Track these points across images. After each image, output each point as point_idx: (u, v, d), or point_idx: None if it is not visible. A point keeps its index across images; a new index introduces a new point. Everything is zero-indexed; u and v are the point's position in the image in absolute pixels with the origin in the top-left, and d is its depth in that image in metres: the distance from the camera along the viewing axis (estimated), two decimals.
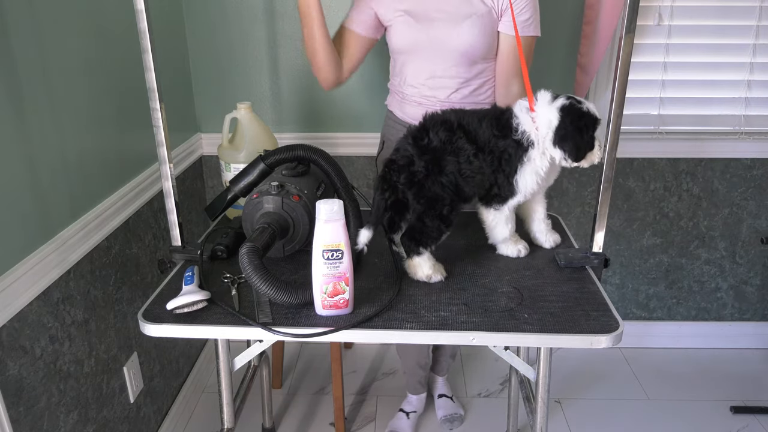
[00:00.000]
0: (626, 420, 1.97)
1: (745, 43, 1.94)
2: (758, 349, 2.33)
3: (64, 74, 1.28)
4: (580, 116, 1.14)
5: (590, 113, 1.15)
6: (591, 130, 1.15)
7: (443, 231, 1.15)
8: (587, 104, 1.15)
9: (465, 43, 1.40)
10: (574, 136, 1.13)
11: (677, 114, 2.04)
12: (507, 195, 1.19)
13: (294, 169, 1.25)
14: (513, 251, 1.27)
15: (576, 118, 1.13)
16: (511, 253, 1.27)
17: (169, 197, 1.22)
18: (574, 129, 1.13)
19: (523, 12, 1.39)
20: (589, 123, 1.15)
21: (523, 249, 1.27)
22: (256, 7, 1.94)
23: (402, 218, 1.17)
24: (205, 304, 1.06)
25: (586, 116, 1.14)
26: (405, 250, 1.16)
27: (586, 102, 1.16)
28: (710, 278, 2.26)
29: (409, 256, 1.16)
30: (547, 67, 1.96)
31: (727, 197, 2.14)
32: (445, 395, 1.97)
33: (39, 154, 1.20)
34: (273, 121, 2.07)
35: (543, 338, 1.00)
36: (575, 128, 1.13)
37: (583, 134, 1.14)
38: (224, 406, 1.27)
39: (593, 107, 1.16)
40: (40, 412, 1.20)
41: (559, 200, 2.16)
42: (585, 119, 1.14)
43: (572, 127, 1.13)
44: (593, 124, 1.15)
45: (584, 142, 1.14)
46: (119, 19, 1.51)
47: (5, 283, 1.09)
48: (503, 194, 1.19)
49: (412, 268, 1.16)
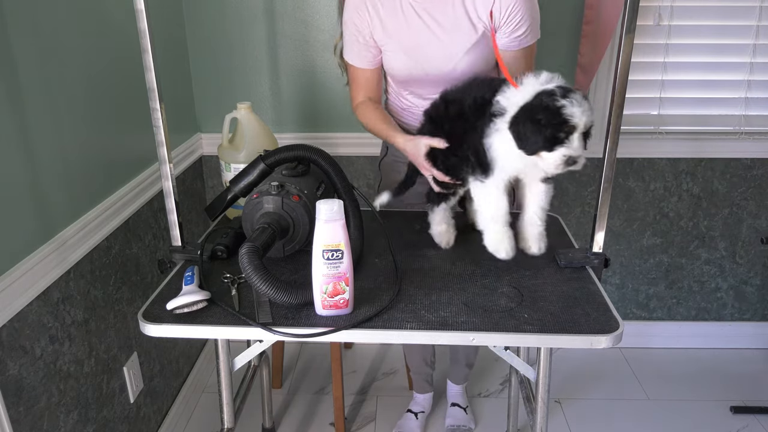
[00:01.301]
0: (626, 420, 1.97)
1: (745, 43, 1.94)
2: (758, 349, 2.33)
3: (64, 74, 1.28)
4: (542, 110, 1.04)
5: (557, 113, 1.02)
6: (550, 130, 1.03)
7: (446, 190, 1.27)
8: (570, 106, 1.03)
9: (463, 74, 1.36)
10: (525, 125, 1.06)
11: (677, 114, 2.04)
12: (484, 163, 1.15)
13: (294, 169, 1.25)
14: (492, 245, 1.19)
15: (538, 110, 1.04)
16: (491, 246, 1.19)
17: (169, 197, 1.22)
18: (528, 119, 1.05)
19: (520, 26, 1.32)
20: (549, 121, 1.03)
21: (504, 251, 1.18)
22: (256, 7, 1.94)
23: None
24: (205, 304, 1.06)
25: (550, 114, 1.03)
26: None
27: (576, 103, 1.03)
28: (710, 278, 2.26)
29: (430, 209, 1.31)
30: (547, 67, 1.95)
31: (727, 197, 2.14)
32: (458, 405, 1.94)
33: (39, 154, 1.20)
34: (273, 121, 2.07)
35: (543, 338, 1.00)
36: (530, 119, 1.05)
37: (537, 129, 1.04)
38: (224, 406, 1.27)
39: (578, 112, 1.03)
40: (40, 412, 1.20)
41: (559, 200, 2.16)
42: (545, 116, 1.03)
43: (528, 116, 1.05)
44: (555, 126, 1.03)
45: (534, 137, 1.05)
46: (119, 19, 1.51)
47: (5, 283, 1.09)
48: (481, 160, 1.16)
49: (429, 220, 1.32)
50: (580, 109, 1.03)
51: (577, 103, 1.03)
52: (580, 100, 1.04)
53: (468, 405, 1.95)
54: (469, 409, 1.95)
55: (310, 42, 1.97)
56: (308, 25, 1.95)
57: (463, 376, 1.92)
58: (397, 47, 1.40)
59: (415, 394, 1.95)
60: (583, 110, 1.03)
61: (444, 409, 1.97)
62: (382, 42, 1.40)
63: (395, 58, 1.41)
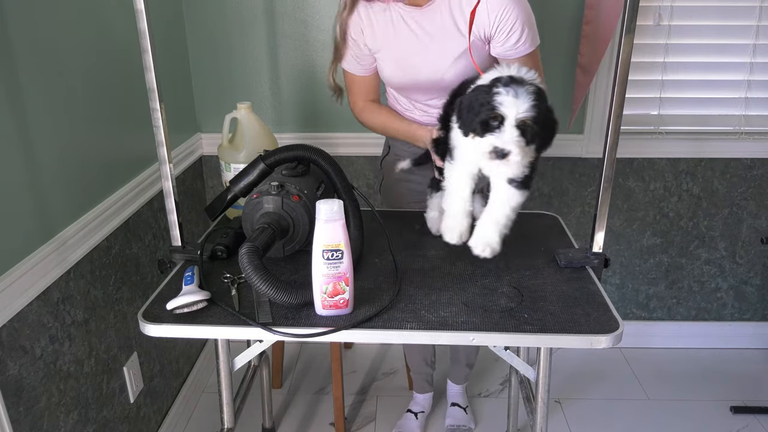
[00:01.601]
0: (626, 420, 1.97)
1: (745, 43, 1.94)
2: (758, 349, 2.33)
3: (64, 74, 1.28)
4: (481, 93, 1.03)
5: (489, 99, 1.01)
6: (483, 114, 1.02)
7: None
8: (505, 95, 1.00)
9: (453, 82, 1.32)
10: (464, 104, 1.06)
11: (677, 114, 2.04)
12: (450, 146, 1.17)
13: (294, 169, 1.25)
14: (444, 227, 1.19)
15: (479, 92, 1.04)
16: (442, 227, 1.20)
17: (169, 197, 1.22)
18: (469, 99, 1.06)
19: (513, 33, 1.29)
20: (481, 105, 1.02)
21: (449, 235, 1.18)
22: (256, 7, 1.94)
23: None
24: (205, 304, 1.06)
25: (484, 98, 1.02)
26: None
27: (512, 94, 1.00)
28: (710, 278, 2.26)
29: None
30: (547, 67, 1.95)
31: (727, 197, 2.14)
32: (458, 405, 1.94)
33: (39, 154, 1.20)
34: (273, 121, 2.07)
35: (543, 338, 1.00)
36: (470, 99, 1.05)
37: (472, 110, 1.04)
38: (224, 406, 1.27)
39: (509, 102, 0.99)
40: (40, 412, 1.20)
41: (559, 200, 2.16)
42: (481, 98, 1.02)
43: (470, 96, 1.06)
44: (486, 111, 1.01)
45: (468, 117, 1.05)
46: (119, 19, 1.51)
47: (5, 283, 1.09)
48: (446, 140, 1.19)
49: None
50: (514, 100, 1.00)
51: (513, 93, 1.00)
52: (521, 93, 1.00)
53: (468, 405, 1.95)
54: (469, 409, 1.95)
55: (310, 42, 1.97)
56: (308, 25, 1.95)
57: (464, 376, 1.92)
58: (387, 56, 1.40)
59: (415, 394, 1.95)
60: (517, 103, 1.00)
61: (444, 409, 1.97)
62: (375, 50, 1.41)
63: (386, 66, 1.42)
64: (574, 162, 2.10)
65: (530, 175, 1.10)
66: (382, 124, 1.49)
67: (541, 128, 1.03)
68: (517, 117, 1.00)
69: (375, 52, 1.42)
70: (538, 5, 1.87)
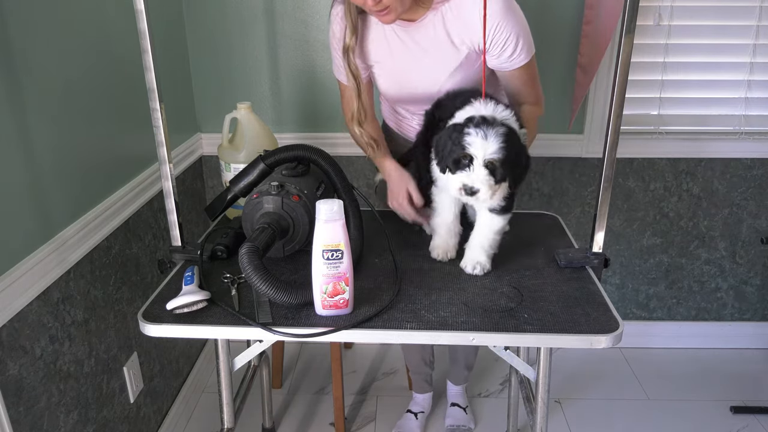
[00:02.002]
0: (626, 420, 1.97)
1: (745, 43, 1.94)
2: (758, 349, 2.33)
3: (64, 74, 1.28)
4: (454, 132, 1.08)
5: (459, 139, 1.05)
6: (455, 153, 1.06)
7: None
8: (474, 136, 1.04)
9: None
10: (439, 143, 1.11)
11: (677, 114, 2.04)
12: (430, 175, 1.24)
13: (294, 169, 1.25)
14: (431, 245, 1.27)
15: (452, 132, 1.09)
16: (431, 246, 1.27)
17: (169, 197, 1.22)
18: (445, 137, 1.10)
19: (507, 46, 1.27)
20: (453, 145, 1.07)
21: (436, 253, 1.25)
22: (256, 7, 1.94)
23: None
24: (205, 304, 1.06)
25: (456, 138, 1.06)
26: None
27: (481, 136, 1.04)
28: (710, 278, 2.26)
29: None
30: (547, 67, 1.96)
31: (727, 197, 2.14)
32: (458, 405, 1.94)
33: (39, 154, 1.20)
34: (273, 121, 2.07)
35: (543, 338, 1.00)
36: (446, 138, 1.10)
37: (446, 149, 1.09)
38: (224, 406, 1.27)
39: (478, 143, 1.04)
40: (40, 412, 1.20)
41: (559, 200, 2.16)
42: (453, 138, 1.07)
43: (446, 135, 1.10)
44: (458, 150, 1.06)
45: (443, 155, 1.10)
46: (119, 19, 1.51)
47: (5, 283, 1.09)
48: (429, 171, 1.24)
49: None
50: (483, 142, 1.04)
51: (482, 136, 1.04)
52: (491, 135, 1.04)
53: (468, 405, 1.95)
54: (468, 409, 1.95)
55: (310, 42, 1.97)
56: (308, 25, 1.95)
57: (463, 377, 1.92)
58: (383, 71, 1.40)
59: (414, 395, 1.95)
60: (486, 144, 1.04)
61: (444, 409, 1.97)
62: (370, 63, 1.40)
63: (383, 81, 1.41)
64: (574, 162, 2.10)
65: (508, 203, 1.17)
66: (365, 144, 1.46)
67: (511, 168, 1.07)
68: (485, 158, 1.05)
69: (371, 65, 1.41)
70: (539, 5, 1.89)
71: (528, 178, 2.11)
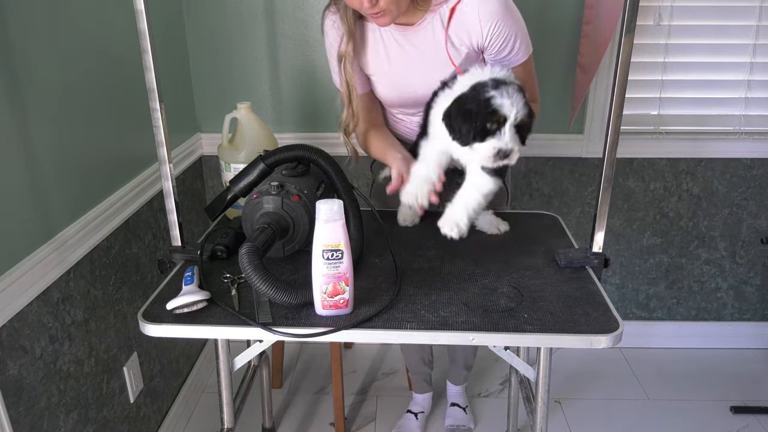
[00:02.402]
0: (626, 420, 1.97)
1: (745, 43, 1.94)
2: (758, 349, 2.33)
3: (64, 74, 1.28)
4: (472, 101, 1.08)
5: (486, 104, 1.05)
6: (479, 121, 1.07)
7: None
8: (500, 97, 1.05)
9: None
10: (456, 117, 1.10)
11: (677, 114, 2.04)
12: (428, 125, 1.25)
13: (294, 169, 1.25)
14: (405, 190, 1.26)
15: (468, 101, 1.08)
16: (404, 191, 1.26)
17: (169, 197, 1.22)
18: (459, 110, 1.10)
19: (506, 45, 1.27)
20: (478, 112, 1.06)
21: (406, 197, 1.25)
22: (256, 7, 1.94)
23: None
24: (205, 304, 1.06)
25: (479, 105, 1.06)
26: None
27: (506, 95, 1.05)
28: (710, 278, 2.26)
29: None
30: (547, 67, 1.96)
31: (727, 197, 2.14)
32: (458, 405, 1.94)
33: (39, 154, 1.20)
34: (273, 121, 2.07)
35: (543, 338, 1.00)
36: (461, 110, 1.09)
37: (467, 120, 1.08)
38: (224, 406, 1.27)
39: (507, 103, 1.05)
40: (40, 412, 1.20)
41: (559, 200, 2.16)
42: (475, 107, 1.07)
43: (459, 107, 1.10)
44: (484, 117, 1.06)
45: (465, 128, 1.09)
46: (119, 19, 1.51)
47: (5, 283, 1.09)
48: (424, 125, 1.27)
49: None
50: (509, 100, 1.04)
51: (507, 94, 1.05)
52: (512, 93, 1.05)
53: (468, 405, 1.95)
54: (468, 408, 1.95)
55: (310, 42, 1.97)
56: (308, 25, 1.95)
57: (462, 377, 1.92)
58: (381, 78, 1.39)
59: (414, 395, 1.95)
60: (512, 102, 1.04)
61: (444, 409, 1.97)
62: (368, 72, 1.40)
63: (381, 88, 1.41)
64: (574, 162, 2.10)
65: (503, 167, 1.15)
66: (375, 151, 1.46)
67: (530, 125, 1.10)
68: (516, 116, 1.05)
69: (369, 73, 1.40)
70: (538, 5, 1.89)
71: (528, 177, 2.12)
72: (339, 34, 1.34)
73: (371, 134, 1.46)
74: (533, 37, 1.36)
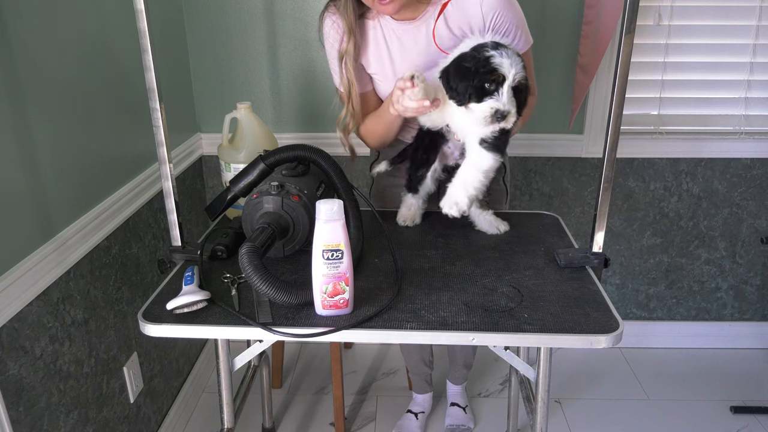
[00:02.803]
0: (626, 420, 1.97)
1: (745, 43, 1.94)
2: (758, 349, 2.33)
3: (64, 74, 1.28)
4: (470, 59, 1.09)
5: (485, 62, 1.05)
6: (478, 79, 1.07)
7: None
8: (499, 57, 1.06)
9: None
10: (454, 74, 1.11)
11: (677, 114, 2.04)
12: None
13: (294, 169, 1.25)
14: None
15: (467, 59, 1.09)
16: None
17: (169, 197, 1.22)
18: (457, 68, 1.10)
19: (507, 37, 1.28)
20: (476, 70, 1.07)
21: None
22: (256, 7, 1.94)
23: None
24: (205, 304, 1.06)
25: (478, 63, 1.07)
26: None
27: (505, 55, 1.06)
28: (710, 278, 2.26)
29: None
30: (547, 67, 1.96)
31: (727, 197, 2.14)
32: (457, 404, 1.94)
33: (39, 154, 1.20)
34: (273, 121, 2.07)
35: (543, 338, 1.00)
36: (459, 68, 1.10)
37: (465, 78, 1.08)
38: (224, 406, 1.27)
39: (506, 63, 1.05)
40: (40, 412, 1.20)
41: (559, 200, 2.16)
42: (474, 65, 1.07)
43: (457, 65, 1.10)
44: (483, 75, 1.06)
45: (463, 86, 1.09)
46: (119, 18, 1.51)
47: (5, 283, 1.09)
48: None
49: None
50: (508, 60, 1.05)
51: (506, 55, 1.06)
52: (511, 54, 1.07)
53: (468, 405, 1.96)
54: (468, 408, 1.95)
55: (310, 42, 1.97)
56: (308, 25, 1.95)
57: (462, 376, 1.92)
58: (383, 77, 1.39)
59: (414, 395, 1.95)
60: (512, 63, 1.05)
61: (444, 409, 1.98)
62: (370, 71, 1.40)
63: (384, 86, 1.41)
64: (574, 162, 2.10)
65: (501, 138, 1.16)
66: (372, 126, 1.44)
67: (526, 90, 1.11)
68: (514, 77, 1.06)
69: (373, 74, 1.40)
70: (539, 5, 1.89)
71: (528, 177, 2.12)
72: (339, 34, 1.34)
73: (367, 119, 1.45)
74: (533, 37, 1.36)
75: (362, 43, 1.37)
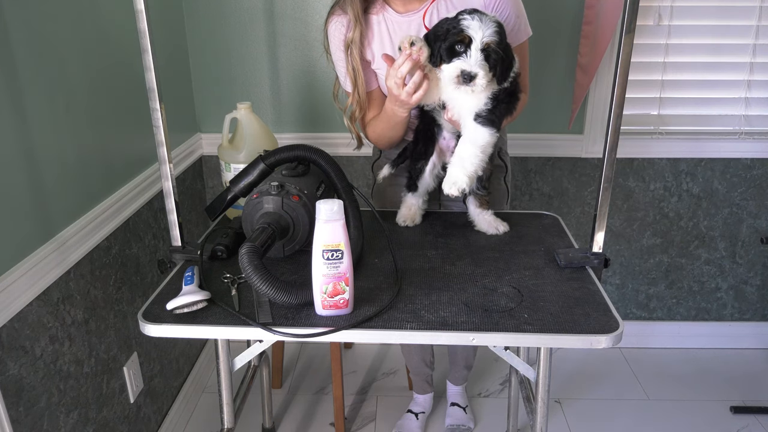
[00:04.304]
0: (626, 420, 1.97)
1: (745, 43, 1.94)
2: (758, 349, 2.33)
3: (64, 75, 1.28)
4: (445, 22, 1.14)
5: (455, 24, 1.11)
6: (448, 40, 1.11)
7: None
8: (470, 20, 1.10)
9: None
10: (431, 35, 1.16)
11: (677, 114, 2.04)
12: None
13: (294, 169, 1.25)
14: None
15: (443, 23, 1.15)
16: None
17: (169, 197, 1.22)
18: (435, 29, 1.16)
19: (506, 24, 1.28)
20: (447, 31, 1.12)
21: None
22: (256, 7, 1.94)
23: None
24: (205, 304, 1.06)
25: (449, 24, 1.12)
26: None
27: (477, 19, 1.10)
28: (710, 278, 2.26)
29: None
30: (547, 67, 1.96)
31: (727, 197, 2.14)
32: (457, 404, 1.94)
33: (39, 154, 1.20)
34: (273, 121, 2.07)
35: (543, 338, 1.00)
36: (435, 30, 1.15)
37: (437, 38, 1.14)
38: (224, 406, 1.27)
39: (474, 26, 1.09)
40: (40, 412, 1.20)
41: (559, 200, 2.16)
42: (446, 26, 1.13)
43: (435, 28, 1.16)
44: (452, 36, 1.11)
45: (434, 45, 1.14)
46: (119, 18, 1.51)
47: (5, 283, 1.09)
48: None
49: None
50: (479, 23, 1.09)
51: (478, 19, 1.09)
52: (485, 20, 1.10)
53: (468, 405, 1.95)
54: (468, 408, 1.95)
55: (310, 42, 1.97)
56: (308, 25, 1.95)
57: (462, 377, 1.92)
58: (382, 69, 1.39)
59: (415, 395, 1.95)
60: (482, 26, 1.09)
61: (444, 409, 1.98)
62: (375, 65, 1.40)
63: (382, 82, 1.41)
64: (574, 162, 2.10)
65: (494, 111, 1.18)
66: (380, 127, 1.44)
67: (502, 56, 1.12)
68: (482, 40, 1.09)
69: (377, 69, 1.40)
70: (538, 5, 1.88)
71: (528, 177, 2.12)
72: (344, 30, 1.36)
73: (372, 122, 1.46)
74: (533, 37, 1.37)
75: (366, 40, 1.38)
